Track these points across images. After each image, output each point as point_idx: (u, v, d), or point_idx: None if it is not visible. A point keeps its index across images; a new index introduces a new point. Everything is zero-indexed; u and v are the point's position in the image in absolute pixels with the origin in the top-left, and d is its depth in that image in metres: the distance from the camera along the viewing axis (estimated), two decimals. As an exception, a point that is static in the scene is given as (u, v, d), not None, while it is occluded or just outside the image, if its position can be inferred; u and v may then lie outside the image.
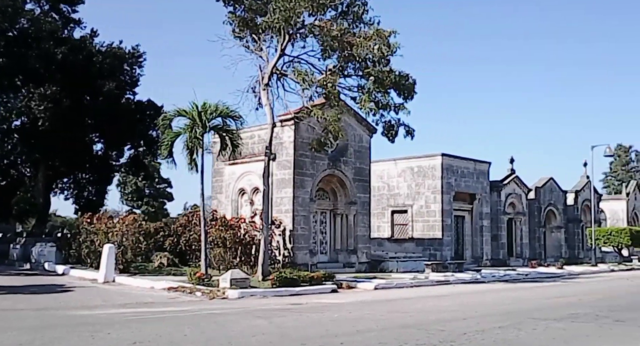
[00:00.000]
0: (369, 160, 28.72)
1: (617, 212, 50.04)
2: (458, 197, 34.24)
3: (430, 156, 33.54)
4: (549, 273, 30.63)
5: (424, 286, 21.79)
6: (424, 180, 33.67)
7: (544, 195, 40.28)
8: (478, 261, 34.73)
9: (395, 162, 35.15)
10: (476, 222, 35.17)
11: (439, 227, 32.80)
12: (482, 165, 35.43)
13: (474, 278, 25.64)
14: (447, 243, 32.96)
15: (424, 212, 33.50)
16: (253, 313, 12.52)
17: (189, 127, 18.94)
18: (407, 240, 34.12)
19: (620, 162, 72.06)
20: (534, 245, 39.21)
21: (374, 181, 35.37)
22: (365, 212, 28.31)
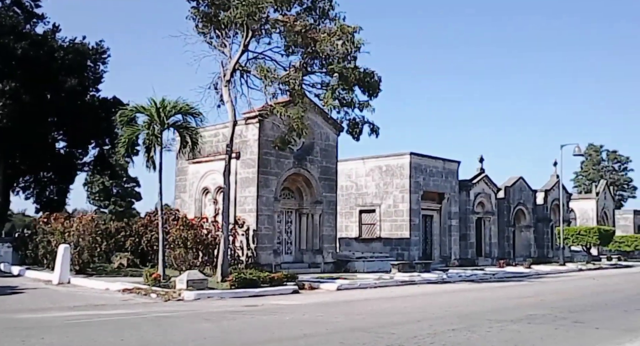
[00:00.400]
0: (336, 159, 28.38)
1: (586, 211, 50.42)
2: (426, 196, 34.05)
3: (398, 155, 33.28)
4: (517, 272, 30.56)
5: (388, 287, 21.46)
6: (392, 179, 33.41)
7: (514, 194, 40.32)
8: (446, 261, 34.58)
9: (364, 161, 34.85)
10: (445, 221, 35.01)
11: (406, 227, 32.55)
12: (451, 165, 35.29)
13: (440, 278, 25.40)
14: (415, 242, 32.73)
15: (392, 212, 33.24)
16: (203, 315, 12.04)
17: (146, 124, 18.36)
18: (375, 240, 33.83)
19: (591, 162, 72.63)
20: (503, 244, 39.21)
21: (342, 180, 35.11)
22: (332, 212, 27.96)
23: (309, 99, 22.86)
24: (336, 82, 20.52)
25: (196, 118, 19.14)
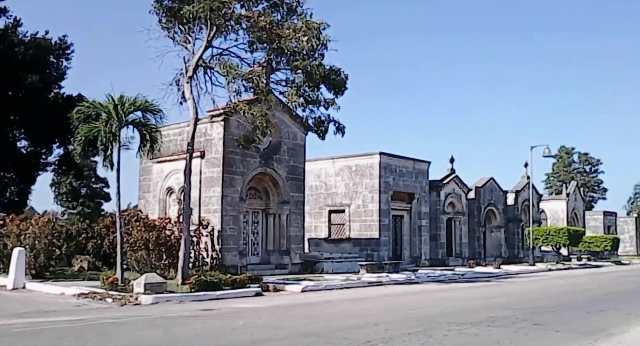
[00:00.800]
0: (304, 159, 28.00)
1: (557, 212, 50.70)
2: (396, 197, 33.80)
3: (368, 155, 32.99)
4: (486, 272, 30.45)
5: (355, 288, 21.13)
6: (361, 179, 33.10)
7: (484, 194, 40.29)
8: (416, 262, 34.37)
9: (333, 161, 34.50)
10: (415, 221, 34.80)
11: (376, 227, 32.27)
12: (422, 165, 35.10)
13: (409, 279, 25.15)
14: (385, 243, 32.46)
15: (362, 212, 32.92)
16: (155, 321, 11.53)
17: (103, 121, 17.73)
18: (345, 240, 33.49)
19: (562, 163, 73.27)
20: (474, 244, 39.15)
21: (312, 180, 34.78)
22: (299, 212, 27.60)
23: (275, 97, 22.45)
24: (301, 79, 20.16)
25: (156, 115, 18.52)
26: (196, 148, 24.06)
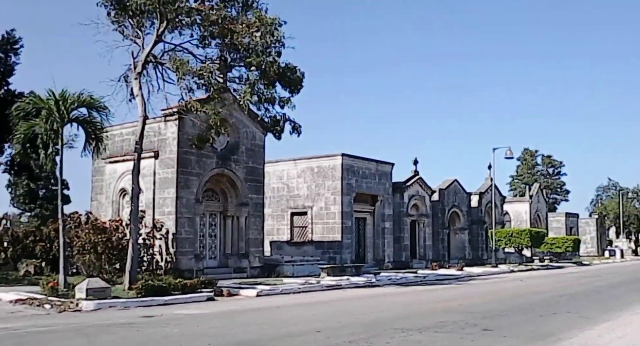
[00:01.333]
0: (264, 160, 27.39)
1: (520, 214, 50.88)
2: (359, 199, 33.37)
3: (330, 156, 32.49)
4: (448, 274, 30.17)
5: (313, 292, 20.58)
6: (324, 180, 32.59)
7: (448, 196, 40.12)
8: (380, 264, 33.96)
9: (295, 162, 33.93)
10: (378, 223, 34.40)
11: (338, 229, 31.78)
12: (385, 166, 34.72)
13: (369, 282, 24.71)
14: (347, 245, 31.98)
15: (324, 214, 32.41)
16: (84, 329, 10.81)
17: (43, 117, 16.89)
18: (307, 243, 32.93)
19: (526, 166, 73.82)
20: (438, 246, 38.91)
21: (274, 182, 34.17)
22: (259, 214, 26.95)
23: (232, 96, 21.76)
24: (255, 76, 19.55)
25: (102, 112, 17.77)
26: (150, 148, 23.34)
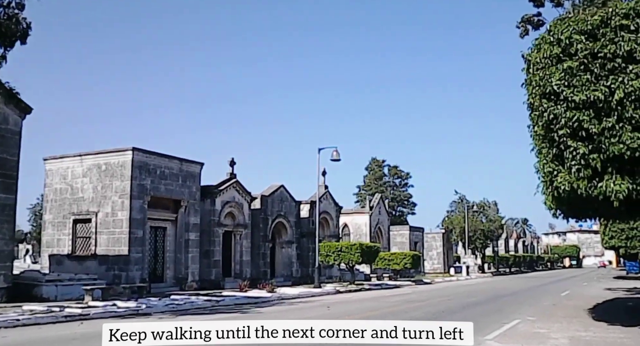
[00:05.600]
0: (18, 149, 21.51)
1: (360, 226, 47.46)
2: (157, 204, 27.88)
3: (119, 151, 26.76)
4: (255, 297, 25.28)
5: (43, 325, 15.08)
6: (112, 181, 26.77)
7: (273, 204, 35.49)
8: (182, 284, 28.59)
9: (81, 159, 27.83)
10: (181, 234, 29.03)
11: (125, 241, 26.06)
12: (192, 166, 29.46)
13: (136, 309, 19.39)
14: (137, 261, 26.32)
15: (110, 222, 26.55)
16: None
17: None
18: (90, 257, 26.90)
19: (373, 176, 71.47)
20: (258, 262, 34.06)
21: (57, 182, 28.03)
22: (8, 219, 21.25)
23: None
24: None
25: None
26: None
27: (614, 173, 11.35)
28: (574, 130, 11.48)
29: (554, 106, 11.76)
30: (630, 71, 10.96)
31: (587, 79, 11.30)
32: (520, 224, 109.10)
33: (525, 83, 13.10)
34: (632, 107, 10.89)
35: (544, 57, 12.10)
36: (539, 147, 13.20)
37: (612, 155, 11.13)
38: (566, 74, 11.49)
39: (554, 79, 11.64)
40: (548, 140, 12.42)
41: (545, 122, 12.06)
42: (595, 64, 11.33)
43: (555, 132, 11.90)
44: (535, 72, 12.39)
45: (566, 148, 11.73)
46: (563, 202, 13.48)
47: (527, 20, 21.65)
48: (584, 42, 11.47)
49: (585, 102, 11.24)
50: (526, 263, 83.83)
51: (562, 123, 11.59)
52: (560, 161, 12.30)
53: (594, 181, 11.61)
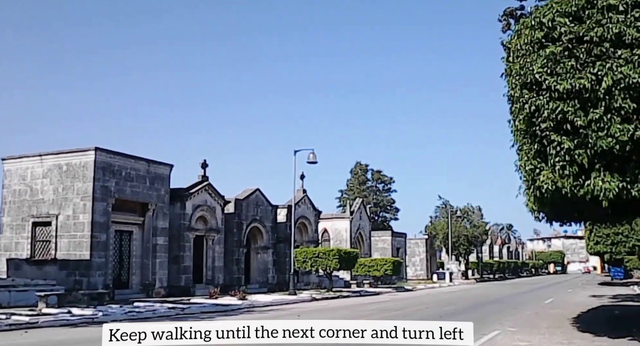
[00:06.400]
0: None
1: (340, 232, 46.20)
2: (123, 207, 26.52)
3: (81, 151, 25.40)
4: (224, 305, 23.97)
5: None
6: (73, 182, 25.37)
7: (248, 209, 34.13)
8: (149, 290, 27.21)
9: (42, 159, 26.41)
10: (149, 239, 27.66)
11: (87, 245, 24.66)
12: (160, 168, 28.10)
13: (91, 317, 18.24)
14: (100, 266, 24.94)
15: (71, 225, 25.15)
16: None
17: None
18: (49, 262, 25.47)
19: (357, 181, 70.25)
20: (232, 268, 32.66)
21: (15, 183, 26.67)
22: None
23: None
24: None
25: None
26: None
27: (602, 170, 10.22)
28: (558, 122, 10.34)
29: (535, 97, 10.62)
30: (619, 56, 9.82)
31: (572, 65, 10.17)
32: (505, 230, 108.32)
33: (505, 73, 11.96)
34: (621, 96, 9.75)
35: (525, 43, 10.97)
36: (520, 143, 12.06)
37: (600, 150, 9.98)
38: (549, 61, 10.35)
39: (535, 67, 10.50)
40: (529, 135, 11.27)
41: (526, 114, 10.92)
42: (580, 49, 10.20)
43: (537, 125, 10.76)
44: (516, 60, 11.26)
45: (549, 144, 10.58)
46: (546, 204, 12.34)
47: (510, 13, 20.60)
48: (568, 25, 10.34)
49: (569, 92, 10.10)
50: (510, 269, 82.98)
51: (544, 115, 10.43)
52: (543, 158, 11.16)
53: (580, 179, 10.47)
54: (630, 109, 9.75)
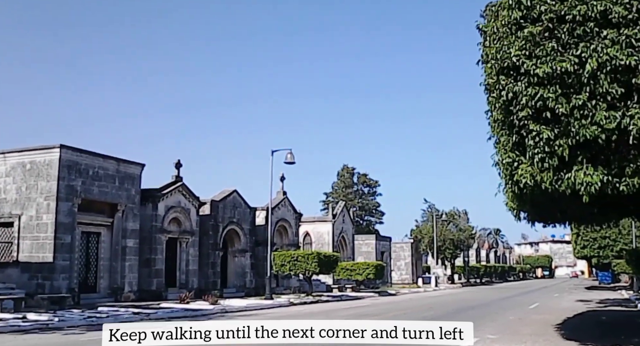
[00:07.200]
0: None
1: (322, 235, 45.14)
2: (91, 207, 25.39)
3: (45, 149, 24.24)
4: (193, 310, 22.88)
5: None
6: (37, 181, 24.20)
7: (225, 211, 33.00)
8: (118, 294, 26.04)
9: (4, 157, 25.22)
10: (118, 241, 26.49)
11: (51, 247, 23.50)
12: (130, 167, 26.97)
13: (46, 323, 17.09)
14: (64, 269, 23.78)
15: (34, 226, 23.97)
16: None
17: None
18: (11, 265, 24.22)
19: (343, 183, 69.17)
20: (207, 272, 31.52)
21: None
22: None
23: None
24: None
25: None
26: None
27: (584, 162, 9.25)
28: (537, 110, 9.36)
29: (513, 83, 9.65)
30: (605, 37, 8.87)
31: (553, 47, 9.20)
32: (493, 234, 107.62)
33: (481, 60, 10.98)
34: (607, 80, 8.79)
35: (502, 25, 10.02)
36: (497, 135, 11.08)
37: (582, 139, 9.00)
38: (527, 43, 9.39)
39: (513, 50, 9.53)
40: (507, 126, 10.30)
41: (503, 103, 9.94)
42: (562, 30, 9.24)
43: (514, 114, 9.78)
44: (492, 44, 10.29)
45: (528, 134, 9.61)
46: (525, 201, 11.37)
47: (492, 6, 19.56)
48: (549, 3, 9.38)
49: (550, 76, 9.13)
50: (498, 273, 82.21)
51: (522, 103, 9.46)
52: (522, 150, 10.19)
53: (561, 173, 9.50)
54: (617, 94, 8.80)
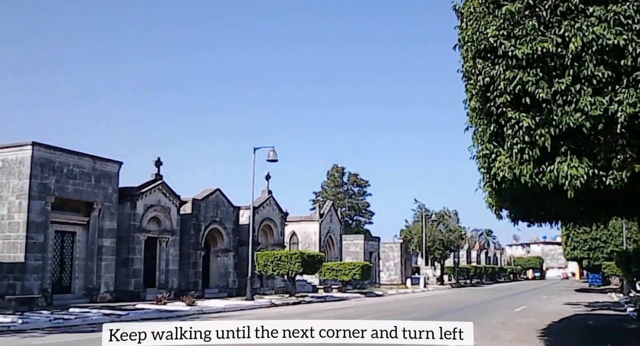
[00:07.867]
0: None
1: (309, 235, 44.38)
2: (66, 206, 24.60)
3: (17, 146, 23.47)
4: (168, 311, 22.16)
5: None
6: (9, 179, 23.40)
7: (207, 210, 32.21)
8: (93, 295, 25.22)
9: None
10: (94, 240, 25.67)
11: (22, 246, 22.66)
12: (108, 165, 26.17)
13: (8, 325, 16.25)
14: (36, 269, 22.96)
15: (6, 225, 23.17)
16: None
17: None
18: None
19: (333, 183, 68.39)
20: (187, 272, 30.72)
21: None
22: None
23: None
24: None
25: None
26: None
27: (568, 153, 8.53)
28: (516, 96, 8.64)
29: (490, 66, 8.94)
30: (591, 14, 8.14)
31: (533, 26, 8.48)
32: (484, 235, 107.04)
33: (458, 43, 10.26)
34: (593, 62, 8.06)
35: (479, 4, 9.30)
36: (475, 125, 10.37)
37: (566, 128, 8.28)
38: (506, 22, 8.68)
39: (490, 30, 8.82)
40: (485, 114, 9.58)
41: (480, 89, 9.23)
42: (543, 7, 8.52)
43: (492, 101, 9.07)
44: (469, 25, 9.57)
45: (506, 122, 8.89)
46: (505, 197, 10.65)
47: None
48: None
49: (530, 58, 8.41)
50: (488, 274, 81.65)
51: (500, 88, 8.73)
52: (500, 141, 9.48)
53: (543, 165, 8.79)
54: (604, 78, 8.08)
